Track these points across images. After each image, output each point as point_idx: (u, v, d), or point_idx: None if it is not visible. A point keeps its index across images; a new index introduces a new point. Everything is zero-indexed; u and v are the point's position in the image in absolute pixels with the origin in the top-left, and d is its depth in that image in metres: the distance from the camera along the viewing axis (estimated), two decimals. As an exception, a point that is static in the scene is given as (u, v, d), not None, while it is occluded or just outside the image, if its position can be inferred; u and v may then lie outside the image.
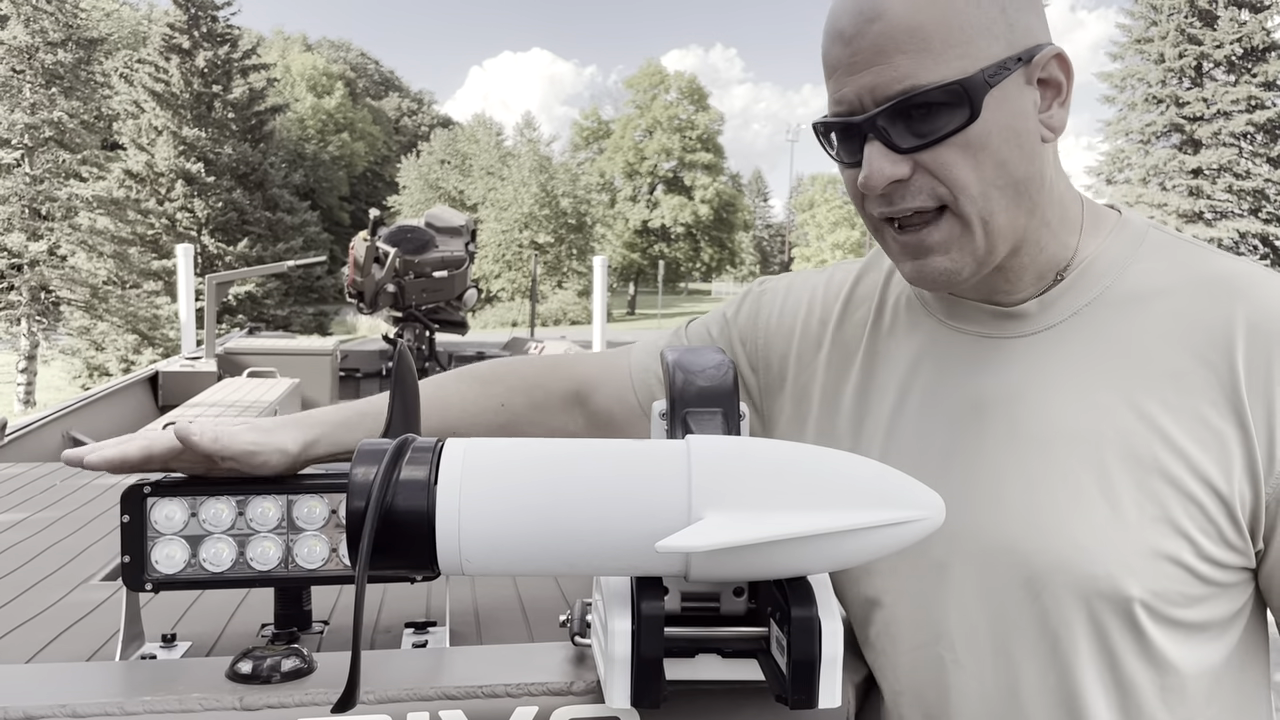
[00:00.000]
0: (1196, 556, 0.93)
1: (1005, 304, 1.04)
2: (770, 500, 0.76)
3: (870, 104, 0.94)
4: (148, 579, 1.11)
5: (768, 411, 1.24)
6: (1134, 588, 0.92)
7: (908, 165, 0.94)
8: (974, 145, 0.93)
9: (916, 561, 1.03)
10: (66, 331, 23.85)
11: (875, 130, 0.94)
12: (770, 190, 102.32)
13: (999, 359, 1.03)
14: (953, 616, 1.02)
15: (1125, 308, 0.99)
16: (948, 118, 0.92)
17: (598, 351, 0.96)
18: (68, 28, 23.93)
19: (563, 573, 0.80)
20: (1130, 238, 1.04)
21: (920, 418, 1.07)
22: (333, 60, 75.03)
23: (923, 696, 1.06)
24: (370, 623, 1.32)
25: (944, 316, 1.09)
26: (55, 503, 2.16)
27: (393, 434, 0.91)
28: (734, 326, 1.27)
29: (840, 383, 1.15)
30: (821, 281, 1.24)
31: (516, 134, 54.24)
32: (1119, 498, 0.93)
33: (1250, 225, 36.24)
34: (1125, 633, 0.94)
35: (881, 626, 1.10)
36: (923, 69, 0.91)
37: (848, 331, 1.17)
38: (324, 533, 1.14)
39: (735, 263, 60.22)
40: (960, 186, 0.94)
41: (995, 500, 0.99)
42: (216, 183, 29.76)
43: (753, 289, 1.30)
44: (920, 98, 0.91)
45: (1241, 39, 36.06)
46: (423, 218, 6.86)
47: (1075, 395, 0.98)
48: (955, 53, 0.91)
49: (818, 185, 67.74)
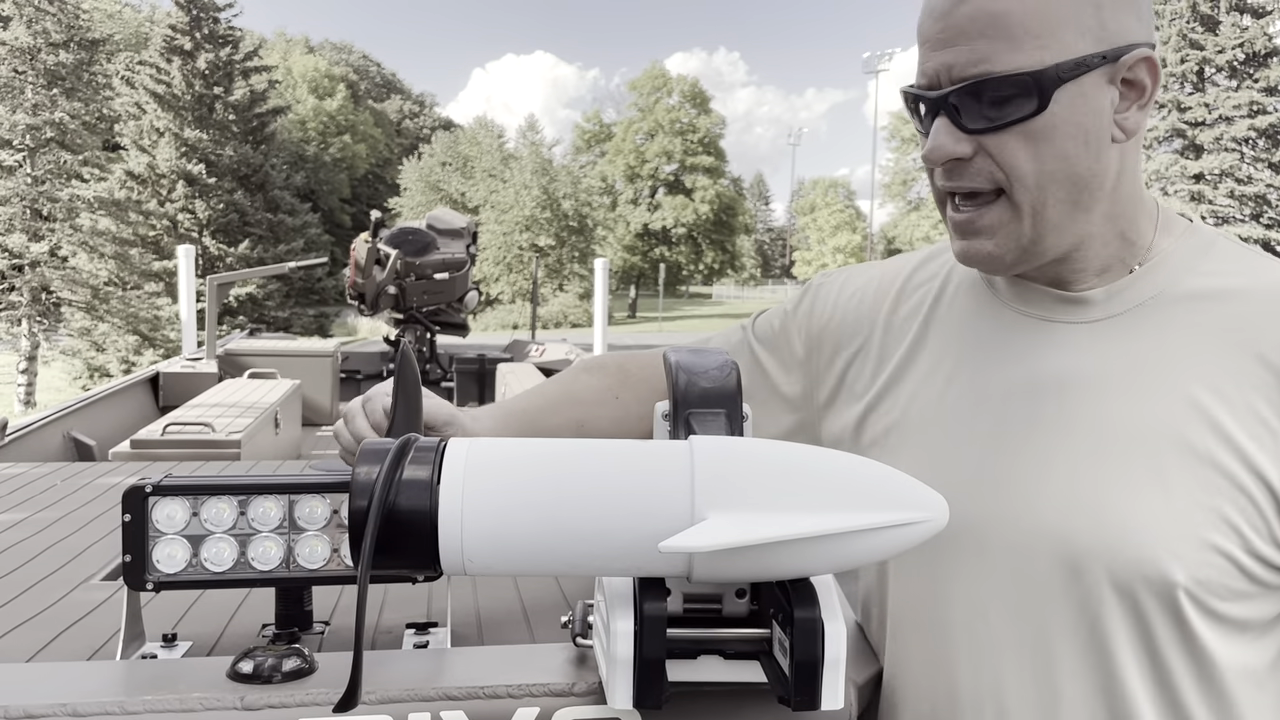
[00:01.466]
0: (1244, 551, 0.93)
1: (1072, 290, 1.06)
2: (773, 501, 0.76)
3: (945, 81, 0.97)
4: (149, 578, 1.11)
5: (819, 396, 1.26)
6: (1179, 574, 0.93)
7: (970, 145, 0.97)
8: (1037, 136, 0.95)
9: (954, 541, 1.03)
10: (67, 332, 23.84)
11: (946, 108, 0.98)
12: (772, 194, 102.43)
13: (1058, 343, 1.05)
14: (990, 596, 1.02)
15: (1189, 305, 1.01)
16: (1016, 105, 0.95)
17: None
18: (70, 29, 23.93)
19: (565, 573, 0.80)
20: (1200, 242, 1.06)
21: (971, 395, 1.08)
22: (335, 62, 75.07)
23: (955, 678, 1.05)
24: (371, 623, 1.31)
25: (1009, 299, 1.11)
26: (56, 502, 2.16)
27: (395, 433, 0.91)
28: (793, 319, 1.31)
29: (889, 361, 1.18)
30: (878, 271, 1.28)
31: (519, 137, 54.28)
32: (1170, 484, 0.94)
33: (1252, 230, 36.22)
34: (1166, 621, 0.95)
35: (913, 609, 1.10)
36: (999, 55, 0.94)
37: (903, 313, 1.20)
38: (325, 533, 1.14)
39: (736, 266, 60.23)
40: (1017, 174, 0.97)
41: (1041, 480, 1.00)
42: (218, 184, 29.76)
43: (812, 282, 1.35)
44: (991, 83, 0.94)
45: (1243, 44, 36.05)
46: (424, 220, 6.87)
47: (1131, 383, 0.99)
48: (1035, 43, 0.93)
49: (819, 189, 67.84)
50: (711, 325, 46.02)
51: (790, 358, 1.29)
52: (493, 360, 6.69)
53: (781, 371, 1.29)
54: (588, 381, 1.36)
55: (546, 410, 1.32)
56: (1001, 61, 0.93)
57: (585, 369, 1.39)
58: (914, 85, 1.02)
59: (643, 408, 1.28)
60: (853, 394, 1.21)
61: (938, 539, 1.03)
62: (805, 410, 1.27)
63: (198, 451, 3.42)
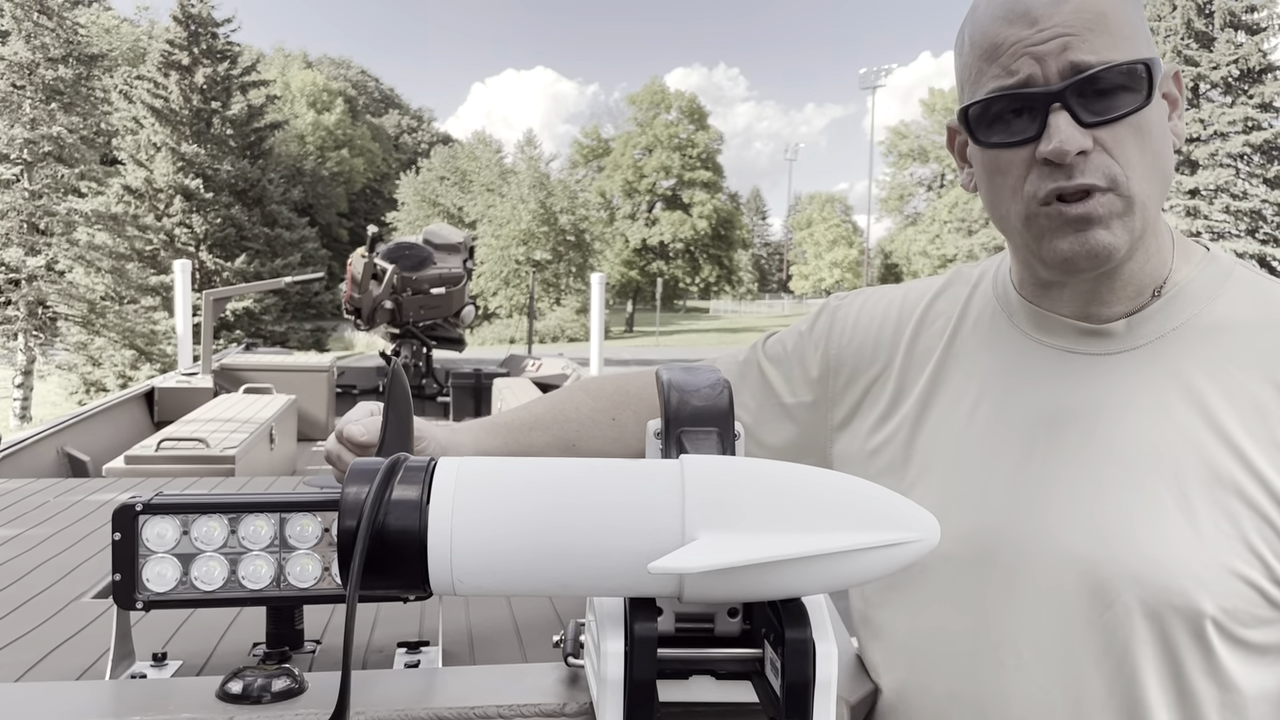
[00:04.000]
0: (1269, 579, 0.94)
1: (1096, 321, 1.06)
2: (764, 521, 0.76)
3: (1056, 78, 0.97)
4: (139, 597, 1.11)
5: (834, 418, 1.25)
6: (1207, 604, 0.93)
7: (1089, 139, 0.97)
8: (1144, 129, 0.98)
9: (982, 568, 1.04)
10: (63, 346, 23.83)
11: (1064, 101, 0.97)
12: (770, 209, 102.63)
13: (1081, 374, 1.05)
14: (1018, 623, 1.02)
15: (1210, 336, 1.02)
16: (1126, 98, 0.97)
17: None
18: (68, 44, 24.01)
19: (555, 593, 0.80)
20: (1219, 271, 1.07)
21: (995, 425, 1.08)
22: (333, 77, 75.26)
23: (981, 702, 1.05)
24: (363, 643, 1.31)
25: (1029, 330, 1.11)
26: (49, 519, 2.15)
27: (386, 452, 0.91)
28: (809, 339, 1.30)
29: (910, 389, 1.18)
30: (899, 296, 1.27)
31: (517, 151, 54.40)
32: (1196, 514, 0.95)
33: (1248, 246, 36.34)
34: (1194, 648, 0.95)
35: (934, 631, 1.09)
36: (1113, 48, 0.96)
37: (923, 343, 1.20)
38: (317, 551, 1.14)
39: (733, 281, 60.31)
40: (1132, 165, 0.98)
41: (1068, 509, 1.00)
42: (215, 199, 29.82)
43: (829, 304, 1.34)
44: (1111, 73, 0.96)
45: (1238, 61, 36.25)
46: (421, 234, 6.88)
47: (1156, 413, 1.00)
48: (1128, 41, 0.97)
49: (815, 204, 67.96)
50: (709, 340, 46.09)
51: (802, 377, 1.28)
52: (489, 375, 6.68)
53: (791, 390, 1.28)
54: (584, 402, 1.35)
55: (535, 427, 1.30)
56: (1116, 53, 0.96)
57: (583, 389, 1.38)
58: (1003, 88, 0.99)
59: (641, 428, 1.28)
60: (869, 419, 1.21)
61: (966, 566, 1.05)
62: (815, 429, 1.27)
63: (192, 467, 3.41)
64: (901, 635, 1.14)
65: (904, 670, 1.14)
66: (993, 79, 1.00)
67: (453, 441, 1.23)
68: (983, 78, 1.01)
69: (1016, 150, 1.00)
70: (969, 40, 1.04)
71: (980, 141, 1.03)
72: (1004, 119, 1.01)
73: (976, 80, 1.02)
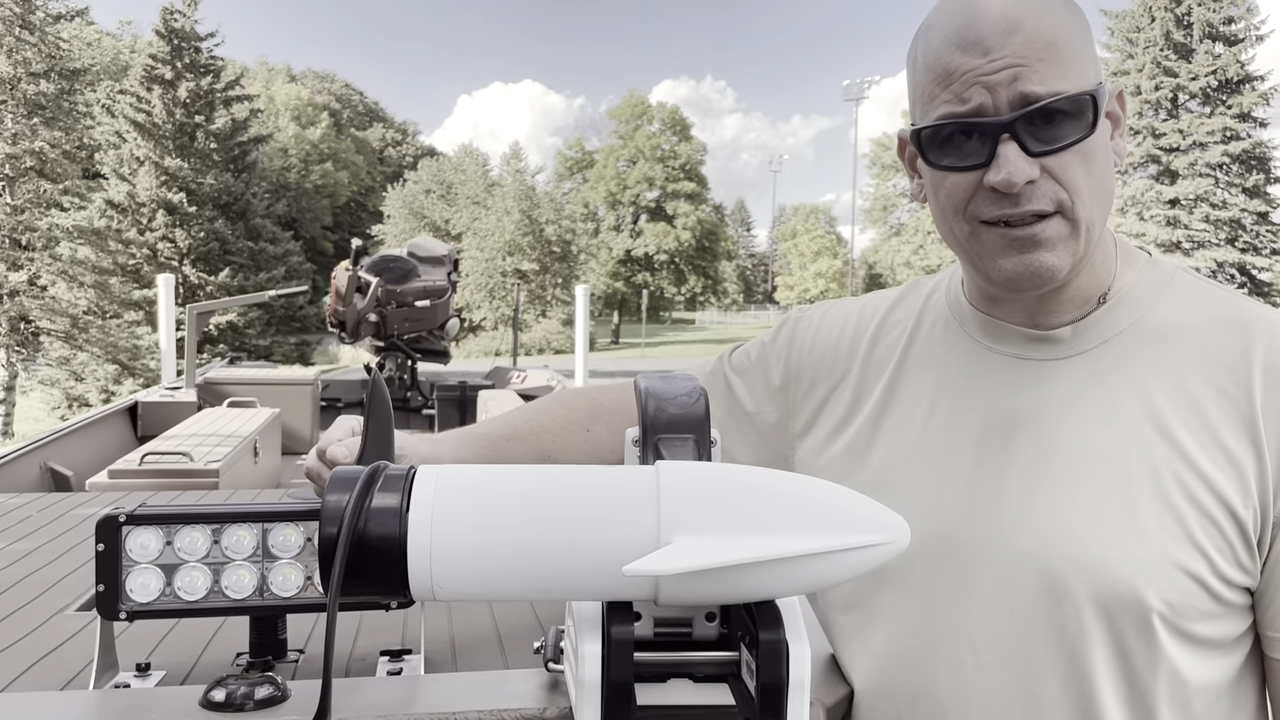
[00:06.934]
0: (1212, 574, 0.97)
1: (1043, 328, 1.09)
2: (737, 524, 0.77)
3: (1006, 108, 0.99)
4: (122, 608, 1.11)
5: (795, 426, 1.28)
6: (1153, 598, 0.97)
7: (1037, 168, 0.99)
8: (1089, 155, 1.00)
9: (939, 568, 1.07)
10: (46, 362, 23.69)
11: (1013, 132, 0.99)
12: (755, 220, 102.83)
13: (1032, 379, 1.08)
14: (975, 622, 1.05)
15: (1153, 340, 1.05)
16: (1072, 127, 0.99)
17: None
18: (50, 59, 23.95)
19: (534, 598, 0.81)
20: (1160, 276, 1.10)
21: (949, 429, 1.11)
22: (317, 91, 75.15)
23: (940, 701, 1.08)
24: (345, 651, 1.32)
25: (981, 337, 1.14)
26: (32, 533, 2.15)
27: (366, 461, 0.92)
28: (771, 350, 1.33)
29: (867, 397, 1.21)
30: (857, 307, 1.31)
31: (503, 164, 54.39)
32: (1141, 512, 0.98)
33: (1228, 254, 36.62)
34: (1142, 643, 0.98)
35: (895, 632, 1.12)
36: (1061, 78, 0.98)
37: (880, 352, 1.23)
38: (299, 560, 1.14)
39: (719, 292, 60.36)
40: (1079, 191, 1.00)
41: (1021, 509, 1.03)
42: (198, 213, 29.72)
43: (790, 315, 1.37)
44: (1060, 103, 0.97)
45: (1216, 71, 36.58)
46: (405, 247, 6.88)
47: (1103, 416, 1.03)
48: (1075, 70, 0.99)
49: (800, 215, 68.13)
50: (694, 350, 46.06)
51: (765, 387, 1.31)
52: (474, 387, 6.68)
53: (754, 400, 1.31)
54: (559, 414, 1.37)
55: (512, 438, 1.33)
56: (1064, 84, 0.98)
57: (559, 400, 1.41)
58: (954, 115, 1.01)
59: (614, 439, 1.30)
60: (827, 426, 1.24)
61: (923, 568, 1.07)
62: (777, 438, 1.29)
63: (175, 481, 3.41)
64: (866, 638, 1.17)
65: (870, 672, 1.16)
66: (944, 104, 1.02)
67: (433, 453, 1.24)
68: (934, 101, 1.03)
69: (965, 174, 1.03)
70: (922, 60, 1.05)
71: (931, 163, 1.06)
72: (954, 143, 1.02)
73: (928, 102, 1.04)
